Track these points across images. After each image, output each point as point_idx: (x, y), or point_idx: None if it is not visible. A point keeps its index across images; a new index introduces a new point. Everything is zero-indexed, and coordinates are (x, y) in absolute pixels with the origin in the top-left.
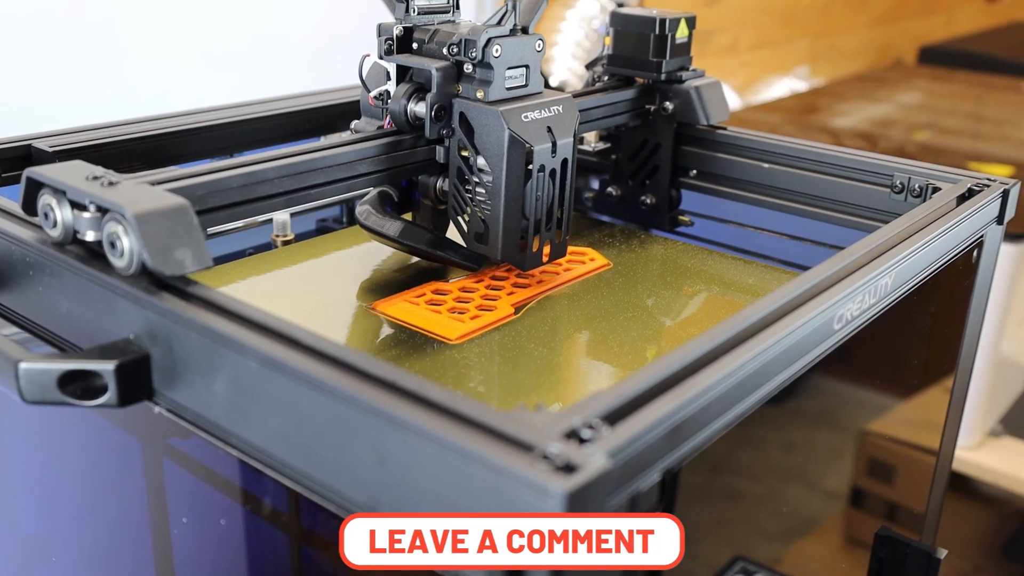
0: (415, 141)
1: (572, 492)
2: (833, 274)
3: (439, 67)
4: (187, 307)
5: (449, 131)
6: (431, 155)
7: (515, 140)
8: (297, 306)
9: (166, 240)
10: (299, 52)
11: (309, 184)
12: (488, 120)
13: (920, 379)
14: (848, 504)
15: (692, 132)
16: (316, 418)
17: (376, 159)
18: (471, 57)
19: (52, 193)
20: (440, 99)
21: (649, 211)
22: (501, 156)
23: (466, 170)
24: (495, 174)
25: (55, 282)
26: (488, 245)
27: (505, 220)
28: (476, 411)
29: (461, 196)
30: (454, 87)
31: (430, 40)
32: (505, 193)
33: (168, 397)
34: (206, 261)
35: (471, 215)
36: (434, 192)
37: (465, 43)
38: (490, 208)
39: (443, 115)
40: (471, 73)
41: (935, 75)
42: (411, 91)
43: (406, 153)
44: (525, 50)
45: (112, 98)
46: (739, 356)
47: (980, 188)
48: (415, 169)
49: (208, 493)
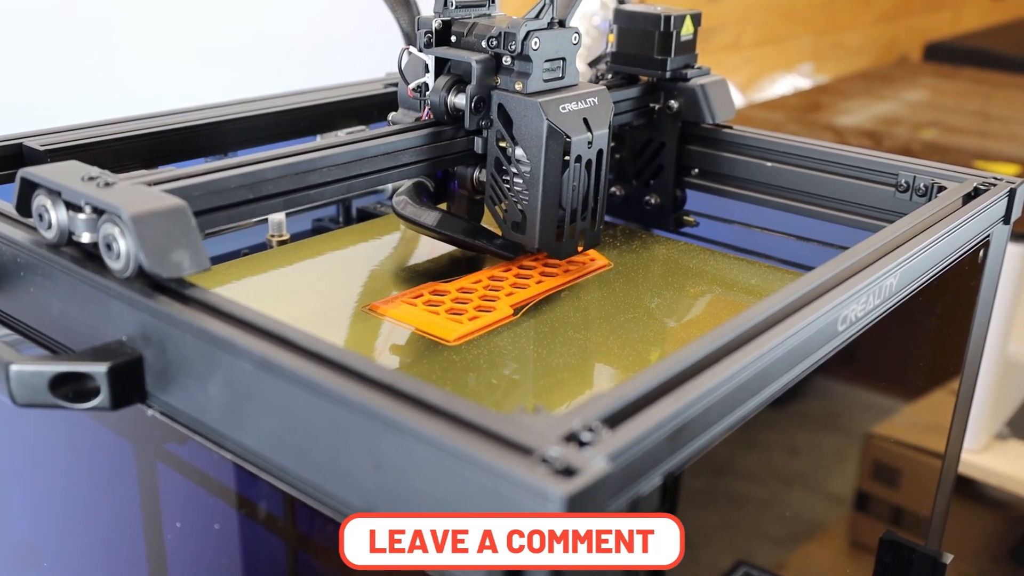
0: (454, 132)
1: (572, 496)
2: (837, 274)
3: (479, 59)
4: (181, 308)
5: (487, 122)
6: (469, 146)
7: (553, 131)
8: (292, 307)
9: (163, 242)
10: (295, 50)
11: (355, 174)
12: (527, 111)
13: (925, 381)
14: (852, 508)
15: (697, 131)
16: (312, 421)
17: (419, 149)
18: (510, 50)
19: (47, 194)
20: (479, 91)
21: (653, 211)
22: (540, 146)
23: (504, 160)
24: (533, 164)
25: (47, 283)
26: (525, 234)
27: (543, 209)
28: (474, 414)
29: (499, 186)
30: (492, 79)
31: (468, 33)
32: (543, 183)
33: (161, 400)
34: (204, 263)
35: (508, 205)
36: (471, 182)
37: (504, 36)
38: (527, 198)
39: (482, 106)
40: (510, 65)
41: (941, 72)
42: (451, 83)
43: (446, 144)
44: (562, 43)
45: (105, 96)
46: (742, 358)
47: (986, 187)
48: (454, 159)
49: (202, 497)
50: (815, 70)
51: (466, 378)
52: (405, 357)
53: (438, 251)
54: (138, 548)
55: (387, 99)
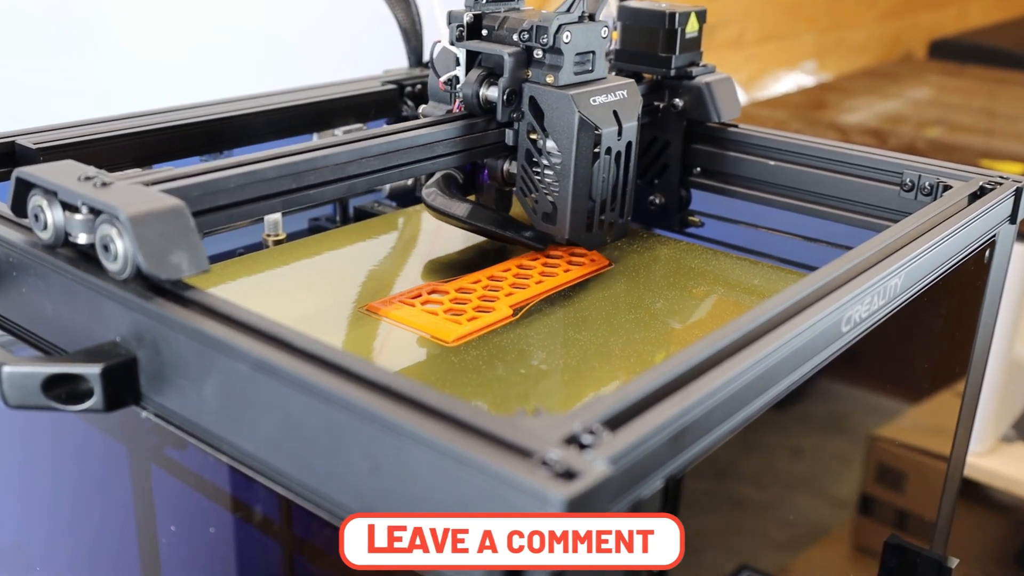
0: (486, 124)
1: (572, 499)
2: (841, 275)
3: (511, 53)
4: (175, 309)
5: (518, 114)
6: (500, 138)
7: (585, 123)
8: (289, 308)
9: (162, 243)
10: (292, 47)
11: (391, 165)
12: (558, 104)
13: (931, 383)
14: (856, 512)
15: (703, 130)
16: (308, 423)
17: (452, 141)
18: (542, 43)
19: (43, 194)
20: (511, 84)
21: (658, 211)
22: (571, 138)
23: (535, 152)
24: (564, 156)
25: (39, 283)
26: (556, 225)
27: (573, 200)
28: (473, 416)
29: (529, 177)
30: (524, 72)
31: (500, 27)
32: (574, 174)
33: (156, 402)
34: (203, 265)
35: (539, 196)
36: (501, 174)
37: (536, 29)
38: (558, 189)
39: (514, 99)
40: (541, 59)
41: (946, 70)
42: (483, 76)
43: (478, 136)
44: (592, 36)
45: (100, 94)
46: (744, 359)
47: (992, 186)
48: (485, 151)
49: (197, 500)
50: (819, 67)
51: (465, 380)
52: (403, 358)
53: (436, 251)
54: (131, 552)
55: (385, 97)
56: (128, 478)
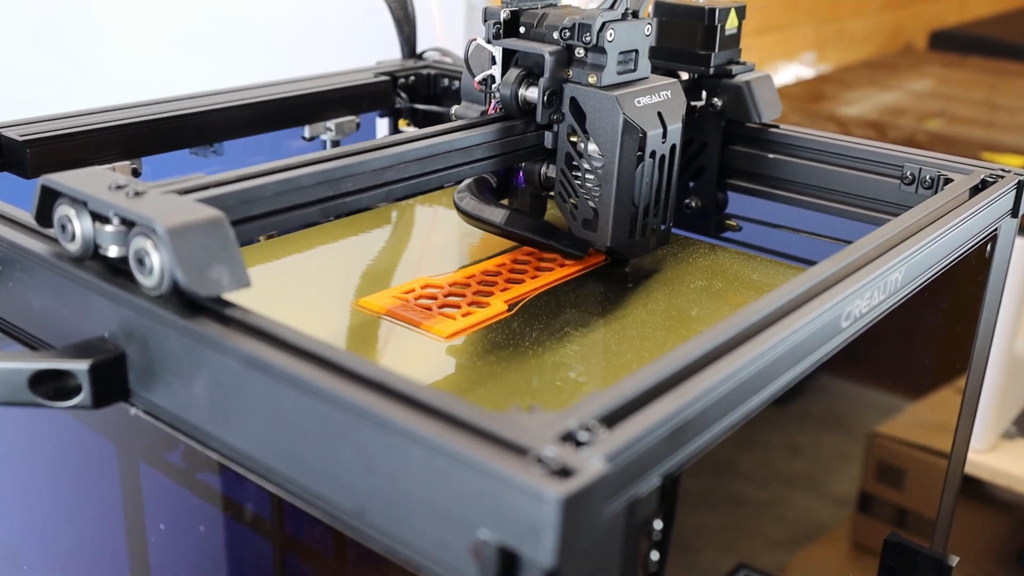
0: (525, 126)
1: (568, 497)
2: (840, 269)
3: (552, 51)
4: (164, 304)
5: (559, 116)
6: (539, 140)
7: (629, 125)
8: (280, 303)
9: (201, 257)
10: (281, 37)
11: (429, 170)
12: (601, 105)
13: (931, 379)
14: (856, 510)
15: (742, 131)
16: (300, 420)
17: (490, 144)
18: (584, 42)
19: (70, 203)
20: (552, 84)
21: (694, 215)
22: (615, 141)
23: (575, 156)
24: (607, 160)
25: (26, 277)
26: (596, 232)
27: (616, 207)
28: (467, 413)
29: (569, 182)
30: (564, 71)
31: (538, 24)
32: (617, 179)
33: (145, 398)
34: (243, 280)
35: (579, 201)
36: (539, 177)
37: (579, 27)
38: (600, 194)
39: (554, 100)
40: (583, 58)
41: (947, 61)
42: (521, 76)
43: (516, 138)
44: (635, 34)
45: (86, 85)
46: (742, 356)
47: (994, 179)
48: (524, 155)
49: (187, 499)
50: (818, 59)
51: (459, 376)
52: (396, 354)
53: (430, 246)
54: (120, 551)
55: (378, 89)
56: (117, 476)
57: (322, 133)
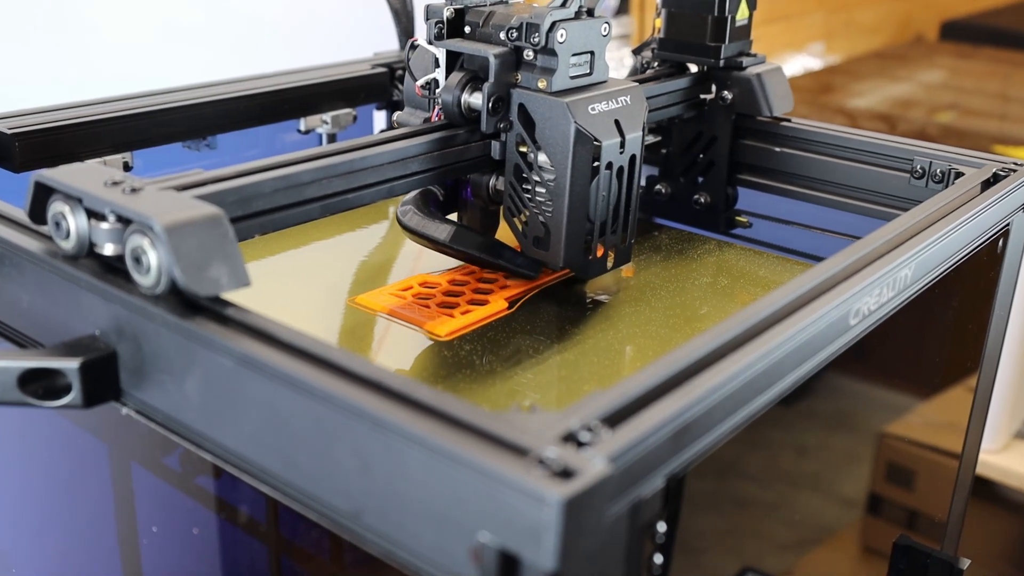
0: (469, 135)
1: (570, 499)
2: (849, 265)
3: (497, 53)
4: (156, 302)
5: (506, 124)
6: (485, 151)
7: (582, 135)
8: (275, 300)
9: (199, 255)
10: (275, 27)
11: (354, 186)
12: (551, 112)
13: (942, 378)
14: (865, 511)
15: (753, 124)
16: (295, 420)
17: (429, 156)
18: (533, 43)
19: (64, 200)
20: (498, 89)
21: (703, 211)
22: (566, 152)
23: (524, 167)
24: (558, 172)
25: (15, 274)
26: (548, 250)
27: (568, 223)
28: (467, 413)
29: (518, 196)
30: (512, 75)
31: (485, 23)
32: (569, 193)
33: (137, 398)
34: (243, 279)
35: (530, 217)
36: (487, 191)
37: (527, 27)
38: (551, 209)
39: (500, 107)
40: (532, 60)
41: (959, 52)
42: (465, 80)
43: (460, 149)
44: (591, 35)
45: (75, 78)
46: (748, 354)
47: (1006, 173)
48: (468, 166)
49: (180, 501)
50: (826, 49)
51: (458, 375)
52: (394, 353)
53: None
54: (112, 554)
55: (375, 81)
56: (108, 477)
57: (318, 126)
